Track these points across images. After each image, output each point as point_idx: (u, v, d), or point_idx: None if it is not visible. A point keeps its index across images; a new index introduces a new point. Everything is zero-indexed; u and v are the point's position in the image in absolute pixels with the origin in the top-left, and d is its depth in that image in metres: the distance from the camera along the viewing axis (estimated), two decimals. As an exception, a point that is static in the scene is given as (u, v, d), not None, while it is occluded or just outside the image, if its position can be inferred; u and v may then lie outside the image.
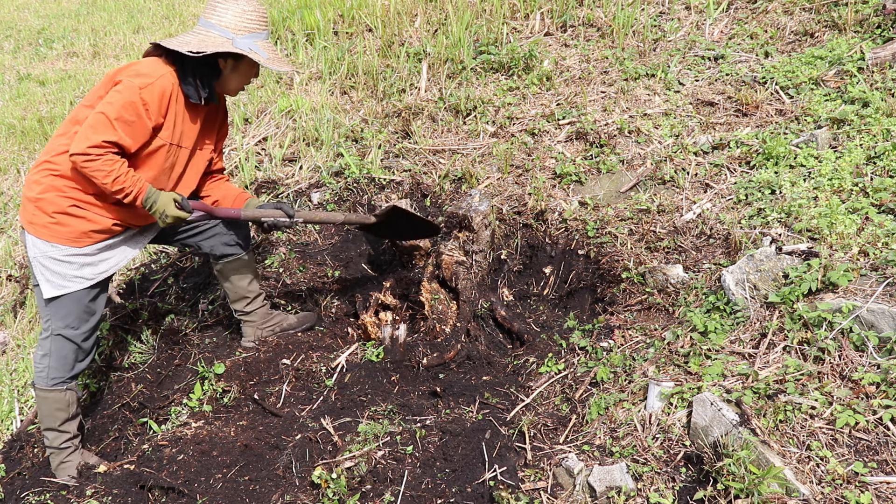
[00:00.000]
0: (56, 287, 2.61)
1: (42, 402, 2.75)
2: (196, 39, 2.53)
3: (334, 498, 2.37)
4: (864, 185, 3.00)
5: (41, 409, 2.77)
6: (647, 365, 2.60)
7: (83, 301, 2.68)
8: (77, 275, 2.63)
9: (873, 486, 1.91)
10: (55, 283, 2.61)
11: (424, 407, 2.79)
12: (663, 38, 4.67)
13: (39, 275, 2.62)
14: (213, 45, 2.51)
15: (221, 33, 2.56)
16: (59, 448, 2.79)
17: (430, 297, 3.16)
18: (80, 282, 2.64)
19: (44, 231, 2.57)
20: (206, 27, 2.58)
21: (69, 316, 2.67)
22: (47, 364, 2.71)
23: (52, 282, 2.61)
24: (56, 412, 2.76)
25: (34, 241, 2.60)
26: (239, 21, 2.57)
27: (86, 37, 8.07)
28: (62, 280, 2.61)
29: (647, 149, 3.78)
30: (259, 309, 3.25)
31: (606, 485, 2.15)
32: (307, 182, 4.22)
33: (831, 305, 2.36)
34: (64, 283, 2.62)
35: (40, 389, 2.73)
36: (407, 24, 5.36)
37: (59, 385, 2.73)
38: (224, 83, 2.70)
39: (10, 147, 5.59)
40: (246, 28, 2.59)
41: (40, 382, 2.73)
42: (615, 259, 3.24)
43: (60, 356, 2.70)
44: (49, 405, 2.75)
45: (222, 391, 3.01)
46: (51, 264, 2.59)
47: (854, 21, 4.14)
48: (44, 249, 2.58)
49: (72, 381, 2.77)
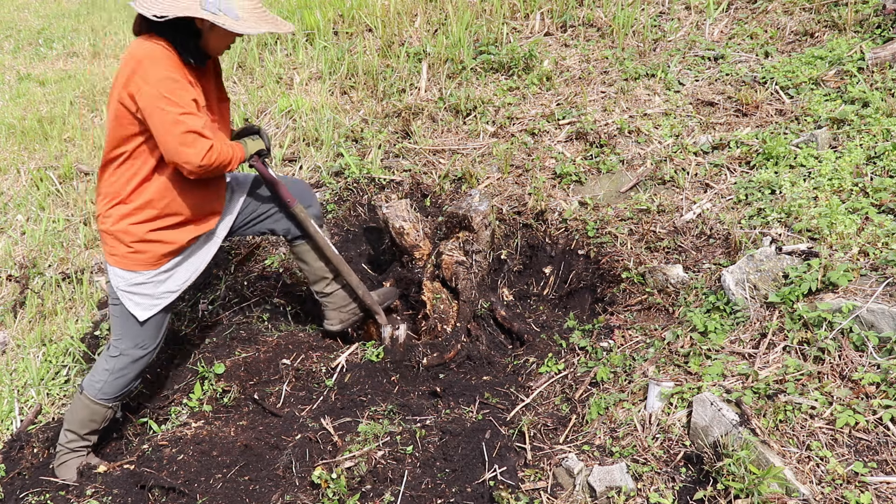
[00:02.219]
0: (147, 308, 2.64)
1: (81, 408, 2.76)
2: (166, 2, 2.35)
3: (334, 498, 2.37)
4: (864, 185, 3.00)
5: (75, 413, 2.77)
6: (647, 365, 2.60)
7: (160, 320, 2.72)
8: (163, 290, 2.66)
9: (873, 486, 1.91)
10: (145, 304, 2.63)
11: (424, 407, 2.79)
12: (663, 38, 4.67)
13: (128, 301, 2.62)
14: (178, 8, 2.33)
15: None
16: (73, 450, 2.80)
17: (432, 296, 3.16)
18: (168, 296, 2.67)
19: (124, 261, 2.58)
20: None
21: (143, 335, 2.69)
22: (105, 378, 2.71)
23: (142, 304, 2.63)
24: (89, 422, 2.77)
25: (116, 272, 2.60)
26: None
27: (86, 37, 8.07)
28: (151, 300, 2.64)
29: (647, 149, 3.78)
30: (340, 290, 3.18)
31: (606, 485, 2.15)
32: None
33: (831, 305, 2.36)
34: (154, 303, 2.65)
35: (87, 398, 2.74)
36: (407, 24, 5.36)
37: (106, 400, 2.74)
38: (206, 44, 2.51)
39: (10, 147, 5.59)
40: None
41: (90, 392, 2.73)
42: (615, 259, 3.24)
43: (121, 375, 2.71)
44: (86, 413, 2.76)
45: (222, 391, 3.01)
46: (137, 289, 2.61)
47: (854, 21, 4.14)
48: (127, 278, 2.59)
49: (119, 400, 2.79)
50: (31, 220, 4.67)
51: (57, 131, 5.65)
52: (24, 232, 4.58)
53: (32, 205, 4.80)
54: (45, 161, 5.26)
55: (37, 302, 3.95)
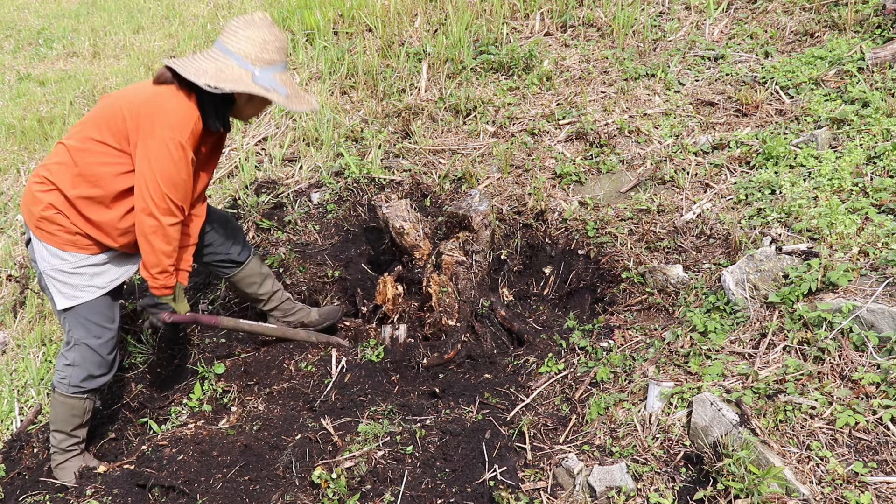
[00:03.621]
0: (69, 298, 2.60)
1: (59, 406, 2.74)
2: (213, 68, 2.40)
3: (334, 498, 2.37)
4: (864, 185, 3.00)
5: (56, 413, 2.76)
6: (647, 365, 2.60)
7: (99, 309, 2.67)
8: (89, 284, 2.62)
9: (873, 486, 1.91)
10: (68, 294, 2.60)
11: (424, 407, 2.79)
12: (663, 38, 4.67)
13: (52, 287, 2.60)
14: (232, 81, 2.39)
15: (240, 63, 2.42)
16: (65, 450, 2.79)
17: (438, 289, 3.15)
18: (92, 291, 2.63)
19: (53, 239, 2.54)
20: (223, 53, 2.44)
21: (88, 324, 2.66)
22: (70, 373, 2.70)
23: (64, 293, 2.60)
24: (71, 418, 2.75)
25: (43, 254, 2.56)
26: (258, 52, 2.43)
27: (86, 37, 8.07)
28: (74, 290, 2.61)
29: (647, 149, 3.78)
30: (280, 305, 3.26)
31: (606, 485, 2.15)
32: (307, 182, 4.22)
33: (831, 305, 2.36)
34: (76, 294, 2.61)
35: (60, 394, 2.72)
36: (407, 24, 5.36)
37: (80, 393, 2.72)
38: (238, 112, 2.61)
39: (10, 147, 5.59)
40: (265, 59, 2.44)
41: (61, 388, 2.71)
42: (615, 259, 3.24)
43: (84, 367, 2.69)
44: (65, 410, 2.74)
45: (222, 391, 3.01)
46: (61, 276, 2.57)
47: (854, 21, 4.14)
48: (53, 263, 2.56)
49: (94, 391, 2.76)
50: (31, 220, 4.67)
51: (57, 131, 5.65)
52: (24, 232, 4.58)
53: (32, 205, 4.79)
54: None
55: (37, 302, 3.94)
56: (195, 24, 7.58)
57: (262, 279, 3.19)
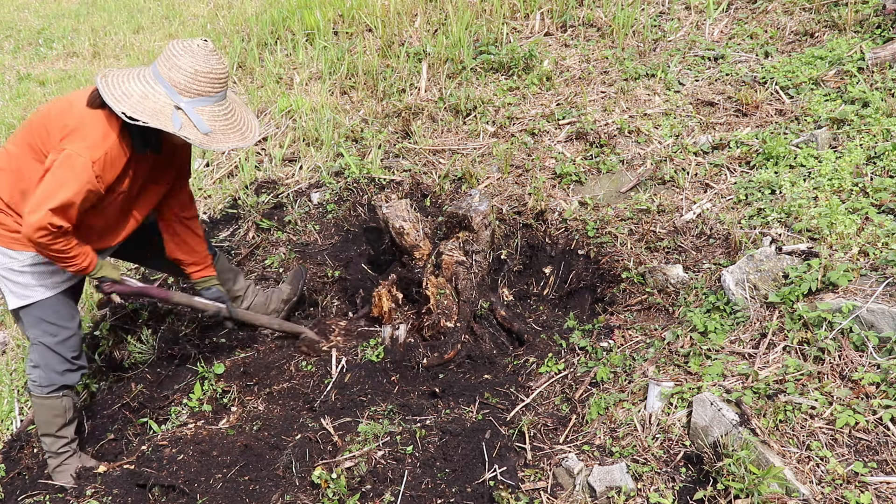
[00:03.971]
0: (19, 297, 2.61)
1: (38, 408, 2.74)
2: (139, 93, 2.36)
3: (334, 498, 2.37)
4: (864, 185, 3.00)
5: (37, 416, 2.76)
6: (647, 365, 2.60)
7: (54, 308, 2.66)
8: (39, 284, 2.62)
9: (873, 486, 1.92)
10: (18, 293, 2.61)
11: (424, 407, 2.79)
12: (663, 38, 4.67)
13: (3, 286, 2.61)
14: (150, 113, 2.34)
15: (168, 92, 2.38)
16: (57, 453, 2.78)
17: (437, 291, 3.15)
18: (41, 290, 2.62)
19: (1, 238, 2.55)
20: (154, 79, 2.40)
21: (42, 323, 2.65)
22: (38, 373, 2.70)
23: (14, 292, 2.60)
24: (53, 418, 2.75)
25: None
26: (188, 83, 2.38)
27: (86, 37, 8.08)
28: (24, 290, 2.61)
29: (647, 149, 3.78)
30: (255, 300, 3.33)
31: (606, 485, 2.15)
32: (307, 182, 4.22)
33: (831, 305, 2.36)
34: (26, 293, 2.61)
35: (35, 397, 2.72)
36: (407, 24, 5.36)
37: (53, 392, 2.72)
38: (169, 136, 2.53)
39: (10, 147, 5.59)
40: (194, 91, 2.39)
41: (34, 390, 2.72)
42: (615, 259, 3.24)
43: (48, 366, 2.69)
44: (45, 412, 2.74)
45: (222, 391, 3.01)
46: (11, 275, 2.58)
47: (854, 21, 4.14)
48: (2, 262, 2.57)
49: (67, 388, 2.76)
50: (31, 220, 4.67)
51: (57, 131, 5.64)
52: None
53: (32, 205, 4.79)
54: (45, 161, 5.25)
55: (37, 302, 3.94)
56: (195, 24, 7.58)
57: (234, 275, 3.25)
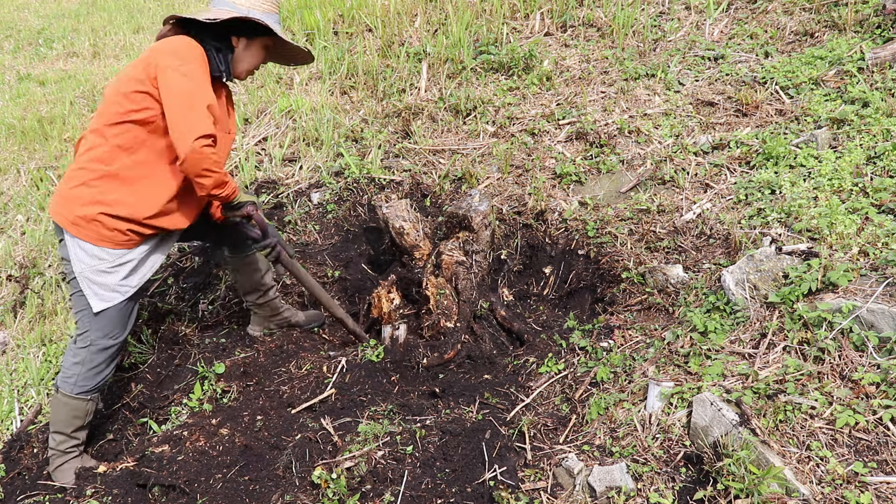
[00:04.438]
0: (104, 300, 2.60)
1: (61, 406, 2.73)
2: (212, 14, 2.53)
3: (334, 498, 2.37)
4: (864, 185, 2.99)
5: (57, 413, 2.74)
6: (647, 365, 2.60)
7: (126, 310, 2.68)
8: (124, 283, 2.62)
9: (873, 486, 1.91)
10: (103, 295, 2.59)
11: (424, 407, 2.79)
12: (663, 38, 4.67)
13: (87, 289, 2.58)
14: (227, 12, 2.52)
15: (235, 10, 2.56)
16: (64, 452, 2.78)
17: (436, 291, 3.16)
18: (126, 290, 2.63)
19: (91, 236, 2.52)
20: (220, 4, 2.59)
21: (110, 326, 2.65)
22: (77, 372, 2.68)
23: (99, 295, 2.59)
24: (73, 419, 2.74)
25: (79, 255, 2.54)
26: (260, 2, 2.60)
27: (86, 37, 8.07)
28: (108, 291, 2.60)
29: (647, 149, 3.78)
30: (270, 302, 3.30)
31: (606, 485, 2.15)
32: (307, 182, 4.22)
33: (831, 305, 2.36)
34: (111, 294, 2.61)
35: (64, 395, 2.71)
36: (407, 24, 5.36)
37: (83, 394, 2.71)
38: (236, 62, 2.67)
39: (10, 147, 5.59)
40: (262, 8, 2.60)
41: (66, 388, 2.69)
42: (615, 259, 3.24)
43: (93, 366, 2.68)
44: (68, 411, 2.73)
45: (222, 391, 3.01)
46: (98, 277, 2.57)
47: (854, 21, 4.14)
48: (90, 263, 2.55)
49: (97, 391, 2.76)
50: (31, 220, 4.67)
51: (57, 131, 5.65)
52: (24, 232, 4.58)
53: (32, 205, 4.80)
54: (45, 161, 5.26)
55: (37, 302, 3.94)
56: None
57: (266, 268, 3.25)
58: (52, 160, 5.24)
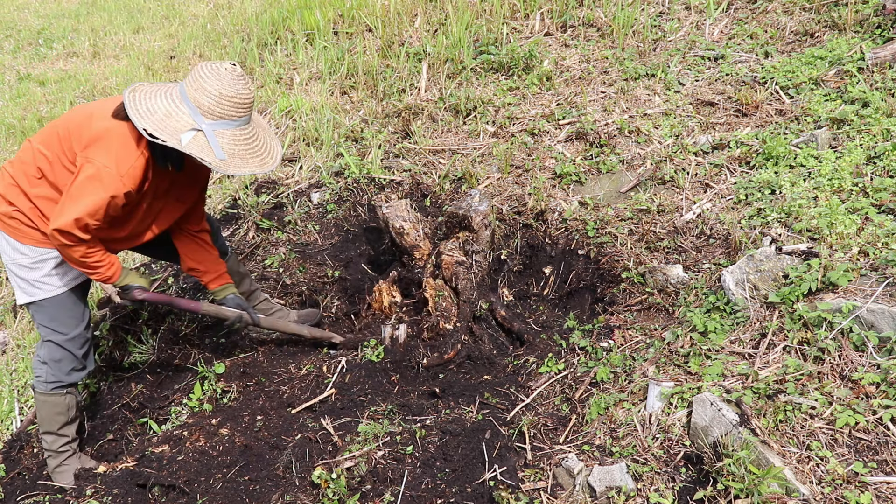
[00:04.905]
0: (27, 293, 2.62)
1: (41, 405, 2.75)
2: (163, 111, 2.39)
3: (334, 498, 2.37)
4: (864, 185, 3.00)
5: (40, 413, 2.76)
6: (647, 365, 2.60)
7: (65, 306, 2.67)
8: (47, 281, 2.62)
9: (873, 486, 1.91)
10: (26, 289, 2.62)
11: (424, 407, 2.79)
12: (663, 38, 4.67)
13: (12, 281, 2.63)
14: (170, 132, 2.37)
15: (192, 112, 2.40)
16: (58, 451, 2.78)
17: (435, 293, 3.16)
18: (50, 288, 2.63)
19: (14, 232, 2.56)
20: (180, 99, 2.42)
21: (53, 321, 2.66)
22: (45, 370, 2.71)
23: (23, 288, 2.62)
24: (55, 416, 2.75)
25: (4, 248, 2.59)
26: (213, 105, 2.40)
27: (86, 37, 8.07)
28: (31, 286, 2.61)
29: (647, 149, 3.78)
30: (257, 305, 3.32)
31: (606, 485, 2.15)
32: (307, 182, 4.22)
33: (831, 305, 2.36)
34: (34, 290, 2.62)
35: (39, 393, 2.73)
36: (407, 24, 5.36)
37: (57, 390, 2.72)
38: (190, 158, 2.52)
39: (10, 147, 5.59)
40: (217, 114, 2.41)
41: (39, 387, 2.73)
42: (615, 259, 3.24)
43: (54, 360, 2.70)
44: (48, 409, 2.74)
45: (222, 391, 3.01)
46: (21, 271, 2.59)
47: (854, 21, 4.14)
48: (13, 257, 2.58)
49: (71, 385, 2.76)
50: (31, 220, 4.67)
51: (57, 131, 5.64)
52: None
53: (32, 205, 4.79)
54: (45, 161, 5.25)
55: (37, 302, 3.94)
56: (195, 24, 7.58)
57: (240, 277, 3.24)
58: (52, 160, 5.24)
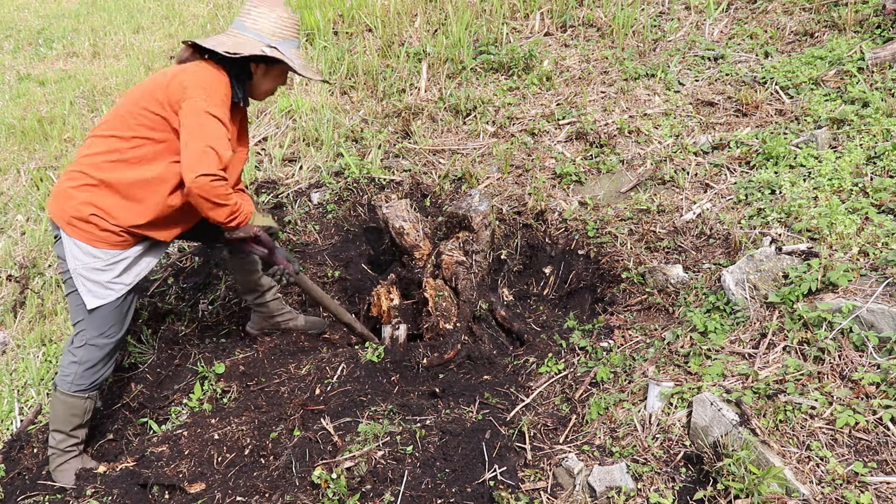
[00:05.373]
0: (98, 297, 2.60)
1: (60, 405, 2.74)
2: (231, 41, 2.55)
3: (334, 498, 2.37)
4: (864, 185, 3.00)
5: (56, 412, 2.75)
6: (647, 365, 2.60)
7: (122, 308, 2.69)
8: (117, 281, 2.63)
9: (873, 486, 1.91)
10: (96, 292, 2.60)
11: (424, 407, 2.79)
12: (663, 38, 4.67)
13: (81, 286, 2.59)
14: (249, 48, 2.54)
15: (256, 37, 2.59)
16: (63, 451, 2.78)
17: (435, 293, 3.16)
18: (119, 288, 2.63)
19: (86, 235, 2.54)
20: (240, 30, 2.61)
21: (105, 324, 2.66)
22: (75, 371, 2.69)
23: (93, 292, 2.60)
24: (71, 417, 2.75)
25: (74, 252, 2.56)
26: (274, 27, 2.61)
27: (86, 37, 8.07)
28: (102, 289, 2.60)
29: (647, 149, 3.78)
30: (270, 302, 3.30)
31: (606, 485, 2.15)
32: (307, 182, 4.22)
33: (831, 305, 2.36)
34: (104, 292, 2.61)
35: (62, 393, 2.72)
36: (407, 24, 5.36)
37: (81, 392, 2.72)
38: (254, 87, 2.73)
39: (10, 147, 5.59)
40: (280, 35, 2.62)
41: (63, 387, 2.71)
42: (615, 259, 3.24)
43: (90, 364, 2.69)
44: (66, 409, 2.74)
45: (222, 391, 3.01)
46: (92, 274, 2.58)
47: (854, 21, 4.14)
48: (85, 261, 2.56)
49: (95, 389, 2.76)
50: (32, 220, 4.67)
51: (57, 131, 5.65)
52: (24, 232, 4.58)
53: (32, 205, 4.80)
54: (45, 161, 5.26)
55: (37, 302, 3.95)
56: (195, 24, 7.59)
57: None
58: (52, 160, 5.24)
